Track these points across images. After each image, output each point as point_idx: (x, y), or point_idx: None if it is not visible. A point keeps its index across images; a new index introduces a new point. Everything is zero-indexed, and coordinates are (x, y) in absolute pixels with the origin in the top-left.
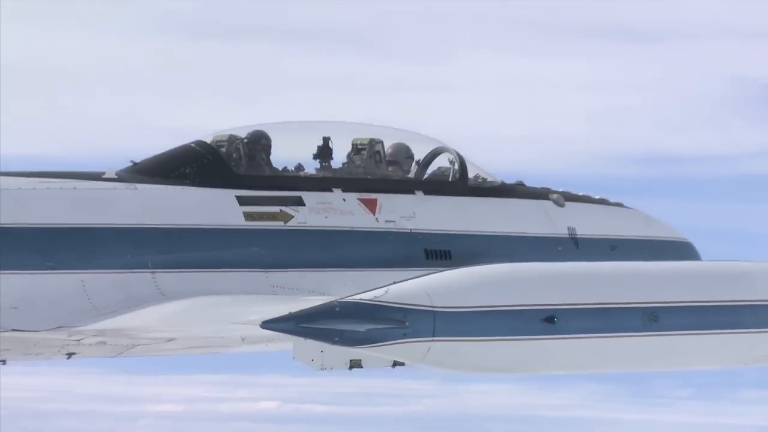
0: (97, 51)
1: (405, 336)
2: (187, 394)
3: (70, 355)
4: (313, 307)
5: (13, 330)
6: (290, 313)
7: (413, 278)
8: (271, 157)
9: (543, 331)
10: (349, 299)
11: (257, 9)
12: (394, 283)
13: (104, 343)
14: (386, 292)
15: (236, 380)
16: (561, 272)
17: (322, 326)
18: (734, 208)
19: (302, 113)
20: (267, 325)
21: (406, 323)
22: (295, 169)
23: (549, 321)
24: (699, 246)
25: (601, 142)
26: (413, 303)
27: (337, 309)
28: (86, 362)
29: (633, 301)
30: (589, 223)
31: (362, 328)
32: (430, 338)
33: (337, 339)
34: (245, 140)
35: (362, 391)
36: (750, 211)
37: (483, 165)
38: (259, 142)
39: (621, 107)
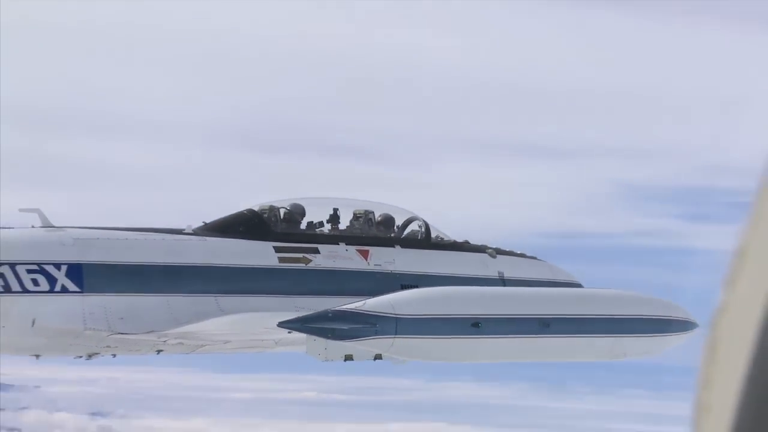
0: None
1: (376, 334)
2: (255, 386)
3: (159, 351)
4: (314, 313)
5: (119, 333)
6: (298, 317)
7: (384, 295)
8: (299, 220)
9: (471, 333)
10: (338, 308)
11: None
12: (370, 298)
13: (182, 343)
14: (364, 304)
15: (289, 377)
16: (483, 293)
17: (319, 325)
18: (615, 268)
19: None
20: (283, 324)
21: (377, 325)
22: (313, 228)
23: (475, 326)
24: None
25: (527, 221)
26: (382, 311)
27: (330, 314)
28: (189, 365)
29: (532, 313)
30: (513, 270)
31: (346, 327)
32: (394, 336)
33: (329, 335)
34: (281, 209)
35: (370, 386)
36: (626, 270)
37: (442, 229)
38: (291, 209)
39: (540, 199)
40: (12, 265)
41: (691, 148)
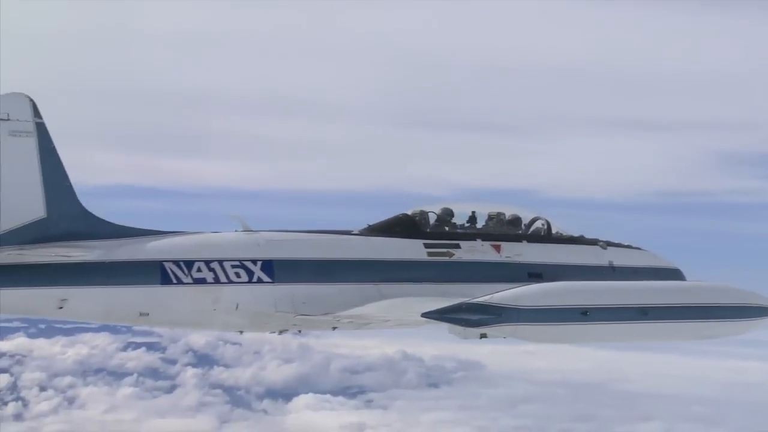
0: None
1: (501, 321)
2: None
3: (334, 328)
4: (451, 305)
5: (303, 314)
6: (438, 308)
7: (508, 289)
8: (447, 220)
9: (581, 320)
10: (471, 301)
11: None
12: (497, 292)
13: (352, 322)
14: (491, 297)
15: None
16: (591, 286)
17: (455, 316)
18: (717, 221)
19: (462, 192)
20: (425, 314)
21: (502, 315)
22: (455, 227)
23: (584, 314)
24: (692, 250)
25: (638, 184)
26: (507, 303)
27: (464, 306)
28: None
29: (632, 302)
30: (621, 259)
31: (476, 317)
32: (516, 323)
33: (463, 323)
34: (429, 212)
35: None
36: (725, 222)
37: (561, 223)
38: (442, 212)
39: (649, 164)
40: (220, 262)
41: None
